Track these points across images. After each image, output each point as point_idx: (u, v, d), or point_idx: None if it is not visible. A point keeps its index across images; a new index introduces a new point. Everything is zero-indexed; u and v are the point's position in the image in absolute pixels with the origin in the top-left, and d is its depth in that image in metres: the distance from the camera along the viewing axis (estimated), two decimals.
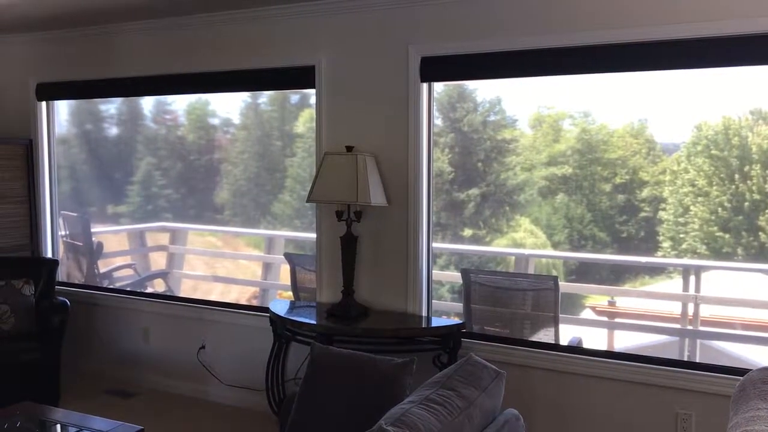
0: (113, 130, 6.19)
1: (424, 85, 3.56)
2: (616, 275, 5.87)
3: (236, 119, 6.79)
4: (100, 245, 5.62)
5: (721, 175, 5.91)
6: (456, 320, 3.66)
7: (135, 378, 4.57)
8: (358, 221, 3.61)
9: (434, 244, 3.58)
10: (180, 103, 6.21)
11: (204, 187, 6.43)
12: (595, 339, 4.88)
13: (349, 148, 3.53)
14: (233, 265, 6.63)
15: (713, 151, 5.97)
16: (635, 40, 3.08)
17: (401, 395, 2.30)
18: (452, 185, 6.56)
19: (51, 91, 4.83)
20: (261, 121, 6.80)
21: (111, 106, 6.07)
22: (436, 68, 3.52)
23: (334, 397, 2.48)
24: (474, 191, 6.61)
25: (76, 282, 5.27)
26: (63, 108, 5.40)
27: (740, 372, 2.80)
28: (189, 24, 4.18)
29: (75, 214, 5.44)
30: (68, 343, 4.28)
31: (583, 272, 6.05)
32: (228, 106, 6.60)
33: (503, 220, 6.77)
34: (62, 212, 5.17)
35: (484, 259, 6.06)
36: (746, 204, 5.73)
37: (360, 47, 3.70)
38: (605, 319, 5.11)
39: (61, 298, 4.24)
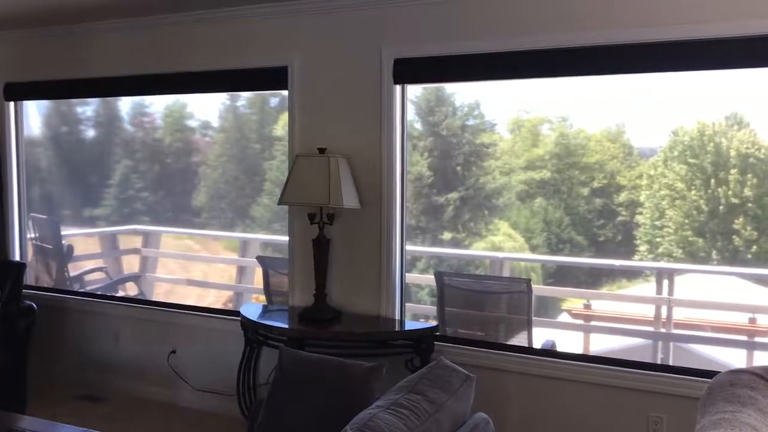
0: (90, 133, 6.12)
1: (398, 87, 3.53)
2: (594, 278, 5.90)
3: (215, 122, 6.74)
4: (70, 248, 5.53)
5: (697, 180, 5.98)
6: (429, 323, 3.64)
7: (104, 383, 4.48)
8: (331, 224, 3.57)
9: (411, 247, 3.57)
10: (158, 105, 6.15)
11: (182, 190, 6.37)
12: (571, 342, 4.89)
13: (322, 150, 3.50)
14: (211, 268, 6.58)
15: (690, 159, 6.03)
16: (612, 42, 3.06)
17: (370, 400, 2.27)
18: (431, 189, 6.56)
19: (20, 91, 4.73)
20: (240, 123, 6.76)
21: (88, 108, 5.99)
22: (410, 70, 3.49)
23: (301, 401, 2.45)
24: (453, 195, 6.61)
25: (45, 285, 5.17)
26: (38, 109, 5.31)
27: (712, 375, 2.79)
28: (161, 23, 4.12)
29: (44, 217, 5.34)
30: (36, 348, 4.18)
31: (562, 275, 6.08)
32: (206, 109, 6.55)
33: (482, 224, 6.78)
34: (32, 215, 5.07)
35: (463, 262, 6.06)
36: (721, 208, 5.79)
37: (333, 48, 3.66)
38: (581, 322, 5.12)
39: (28, 302, 4.14)
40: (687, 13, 2.92)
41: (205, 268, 6.56)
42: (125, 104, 5.94)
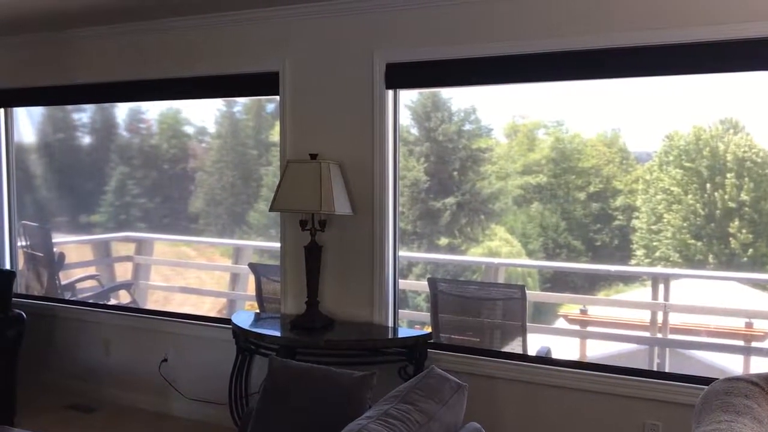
0: (86, 139, 6.07)
1: (390, 92, 3.50)
2: (590, 283, 5.86)
3: (211, 128, 6.70)
4: (61, 256, 5.47)
5: (694, 185, 5.95)
6: (422, 331, 3.60)
7: (95, 392, 4.43)
8: (323, 230, 3.53)
9: (407, 254, 3.54)
10: (154, 111, 6.11)
11: (178, 197, 6.33)
12: (567, 348, 4.85)
13: (313, 156, 3.47)
14: (207, 275, 6.52)
15: (685, 163, 6.01)
16: (608, 46, 3.02)
17: (361, 410, 2.23)
18: (428, 194, 6.53)
19: (9, 98, 4.70)
20: (236, 129, 6.72)
21: (83, 115, 5.94)
22: (402, 75, 3.47)
23: (291, 412, 2.41)
24: (450, 200, 6.58)
25: (36, 294, 5.12)
26: (33, 116, 5.27)
27: (708, 381, 2.75)
28: (151, 29, 4.09)
29: (35, 225, 5.29)
30: (26, 358, 4.13)
31: (558, 280, 6.04)
32: (202, 115, 6.51)
33: (479, 229, 6.75)
34: (23, 222, 5.03)
35: (459, 268, 6.02)
36: (717, 212, 5.77)
37: (324, 53, 3.64)
38: (577, 327, 5.08)
39: (18, 311, 4.09)
40: (682, 16, 2.89)
41: (202, 275, 6.51)
42: (122, 111, 5.91)
